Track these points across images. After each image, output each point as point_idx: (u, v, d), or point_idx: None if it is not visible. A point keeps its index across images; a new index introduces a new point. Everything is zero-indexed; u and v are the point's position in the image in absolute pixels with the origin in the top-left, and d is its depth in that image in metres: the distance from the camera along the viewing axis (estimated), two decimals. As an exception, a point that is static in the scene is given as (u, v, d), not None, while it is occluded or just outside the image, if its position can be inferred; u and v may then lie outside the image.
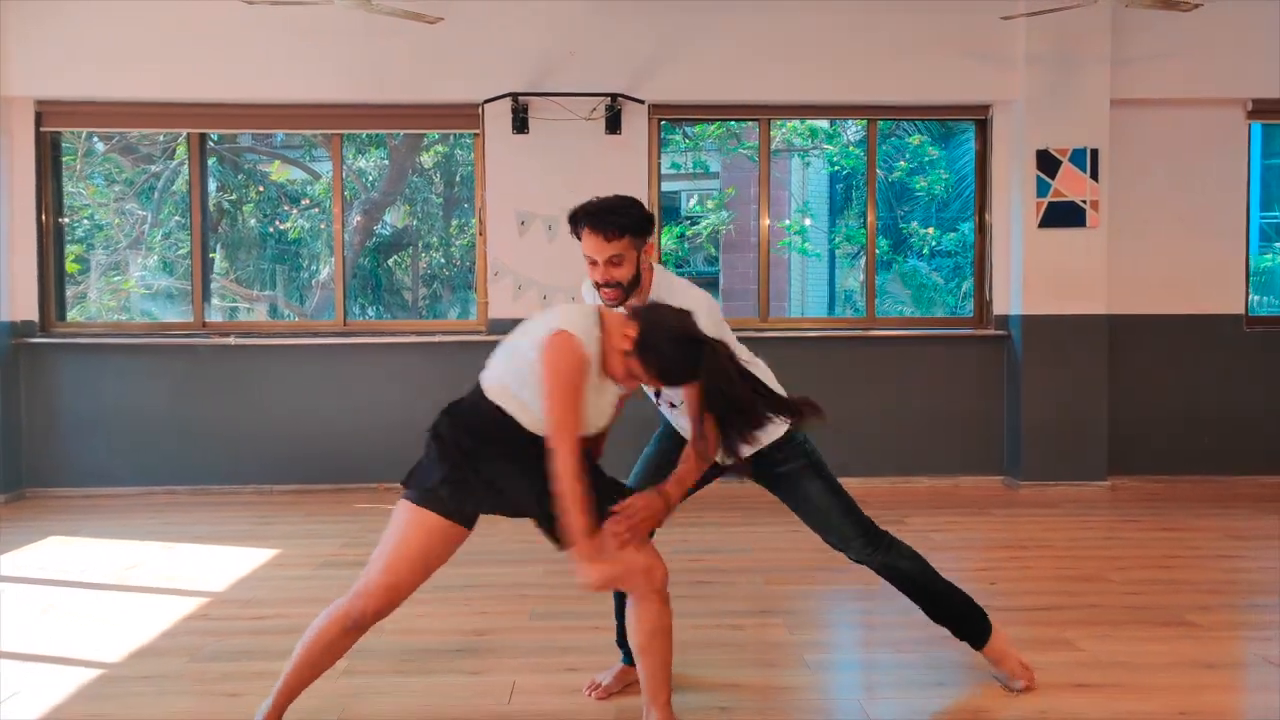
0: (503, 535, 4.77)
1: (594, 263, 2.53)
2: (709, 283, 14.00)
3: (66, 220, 5.98)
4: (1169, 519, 5.08)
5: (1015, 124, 5.98)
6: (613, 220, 2.49)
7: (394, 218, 11.31)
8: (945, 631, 2.78)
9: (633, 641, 2.40)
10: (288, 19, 5.50)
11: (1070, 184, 5.86)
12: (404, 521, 2.36)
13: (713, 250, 13.61)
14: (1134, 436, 6.05)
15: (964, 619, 2.75)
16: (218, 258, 10.42)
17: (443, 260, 11.10)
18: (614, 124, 5.88)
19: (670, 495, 2.44)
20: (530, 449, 2.30)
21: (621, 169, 5.95)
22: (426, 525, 2.34)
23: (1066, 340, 5.90)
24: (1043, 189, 5.88)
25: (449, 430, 2.39)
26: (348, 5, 5.01)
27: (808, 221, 13.25)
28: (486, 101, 5.84)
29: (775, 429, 2.53)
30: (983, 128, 6.17)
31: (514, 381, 2.33)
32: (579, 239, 2.55)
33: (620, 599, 2.75)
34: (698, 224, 12.38)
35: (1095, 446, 5.92)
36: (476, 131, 5.98)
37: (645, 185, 5.99)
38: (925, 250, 12.42)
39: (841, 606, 3.65)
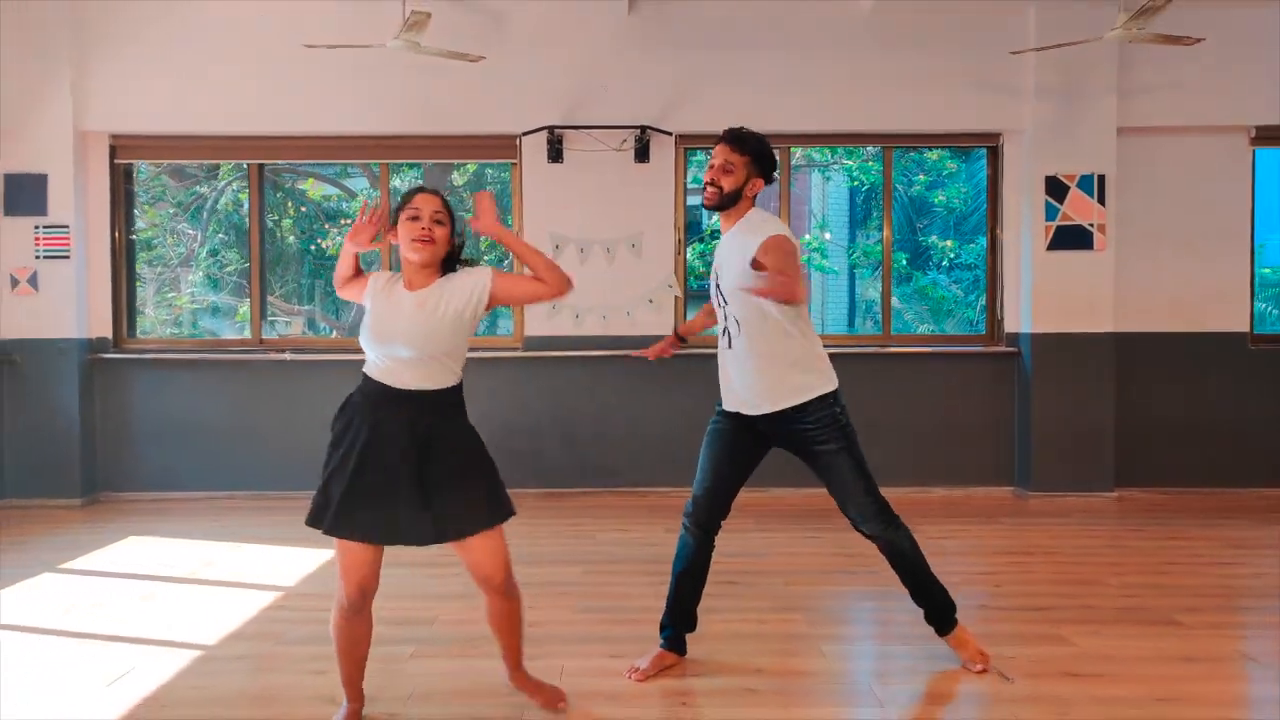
0: (541, 538, 5.17)
1: (711, 166, 3.08)
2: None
3: (134, 236, 6.45)
4: (1171, 528, 5.37)
5: (1025, 151, 6.30)
6: (742, 139, 3.07)
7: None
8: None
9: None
10: (340, 58, 5.93)
11: (1078, 209, 6.18)
12: None
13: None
14: (1142, 450, 6.34)
15: (939, 607, 3.16)
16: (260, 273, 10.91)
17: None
18: (643, 154, 6.26)
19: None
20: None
21: (649, 196, 6.34)
22: None
23: (1075, 357, 6.21)
24: (1051, 213, 6.20)
25: None
26: (398, 47, 5.44)
27: (827, 237, 13.59)
28: (524, 134, 6.24)
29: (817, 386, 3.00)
30: (994, 154, 6.50)
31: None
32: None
33: (675, 584, 3.14)
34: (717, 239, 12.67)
35: (1102, 459, 6.22)
36: (515, 161, 6.39)
37: (672, 210, 6.37)
38: (944, 263, 12.72)
39: (857, 605, 3.98)
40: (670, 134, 6.28)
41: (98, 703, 2.97)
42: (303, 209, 11.54)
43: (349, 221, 11.31)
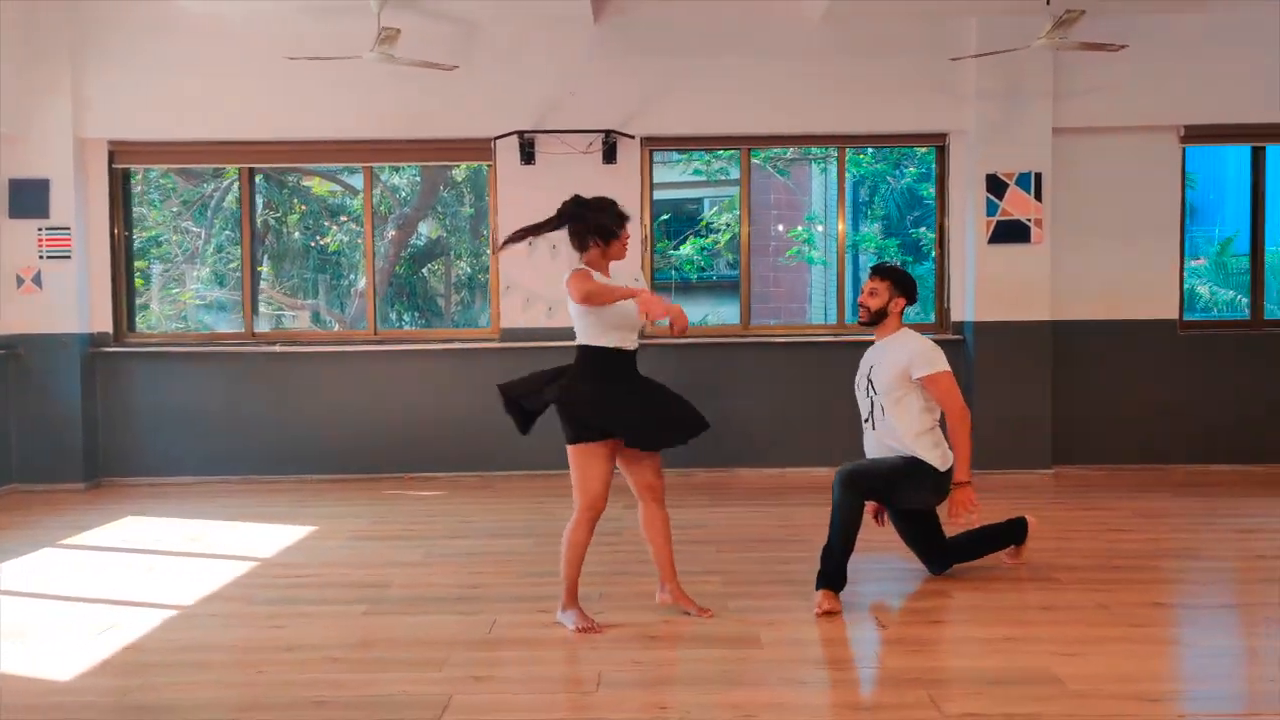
0: (509, 514, 5.60)
1: (865, 291, 4.05)
2: (730, 287, 14.81)
3: (131, 236, 6.94)
4: (1094, 501, 5.76)
5: (968, 151, 6.67)
6: (881, 269, 4.05)
7: (428, 229, 12.21)
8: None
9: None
10: (324, 68, 6.35)
11: (1017, 204, 6.56)
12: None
13: (732, 256, 14.39)
14: (1078, 430, 6.72)
15: (827, 573, 3.71)
16: (265, 269, 11.41)
17: (470, 270, 11.96)
18: (610, 155, 6.68)
19: None
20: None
21: (616, 195, 6.56)
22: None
23: (1014, 344, 6.59)
24: (992, 209, 6.58)
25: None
26: (374, 59, 5.87)
27: (819, 229, 13.95)
28: (497, 138, 6.67)
29: None
30: (941, 153, 6.87)
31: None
32: None
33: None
34: (716, 233, 13.08)
35: (1040, 438, 6.61)
36: (490, 163, 6.81)
37: (638, 207, 6.78)
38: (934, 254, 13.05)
39: (775, 568, 4.37)
40: (634, 137, 6.69)
41: (86, 648, 3.42)
42: (304, 206, 11.98)
43: (349, 218, 11.75)
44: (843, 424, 6.65)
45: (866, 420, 4.06)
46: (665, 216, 14.15)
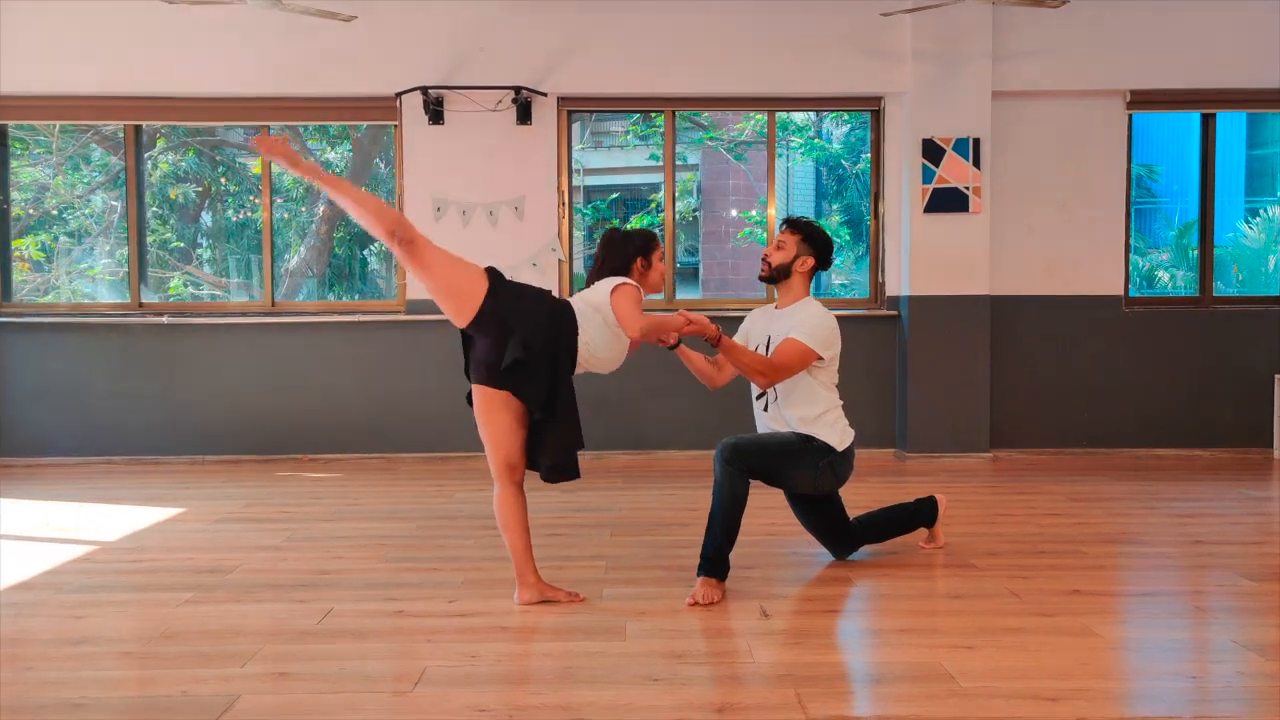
0: (402, 499, 5.17)
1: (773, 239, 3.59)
2: (690, 273, 14.44)
3: (32, 208, 6.39)
4: (1029, 485, 5.40)
5: (904, 115, 6.29)
6: (793, 221, 3.57)
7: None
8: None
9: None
10: (210, 17, 5.87)
11: (954, 171, 6.18)
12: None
13: (691, 241, 14.03)
14: (1019, 411, 6.37)
15: (710, 557, 3.30)
16: (200, 248, 10.87)
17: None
18: (524, 115, 6.23)
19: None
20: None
21: (532, 158, 6.32)
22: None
23: (951, 320, 6.22)
24: (928, 176, 6.20)
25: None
26: (260, 5, 5.37)
27: (771, 212, 13.59)
28: (400, 94, 6.20)
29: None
30: (876, 118, 6.48)
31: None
32: None
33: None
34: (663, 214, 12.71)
35: (978, 421, 6.25)
36: (395, 123, 6.34)
37: (555, 172, 6.35)
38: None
39: (660, 554, 3.96)
40: (547, 95, 6.25)
41: None
42: (225, 181, 11.43)
43: (283, 198, 11.23)
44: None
45: (759, 398, 3.61)
46: (615, 196, 13.75)
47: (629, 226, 6.76)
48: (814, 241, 3.55)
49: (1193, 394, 6.40)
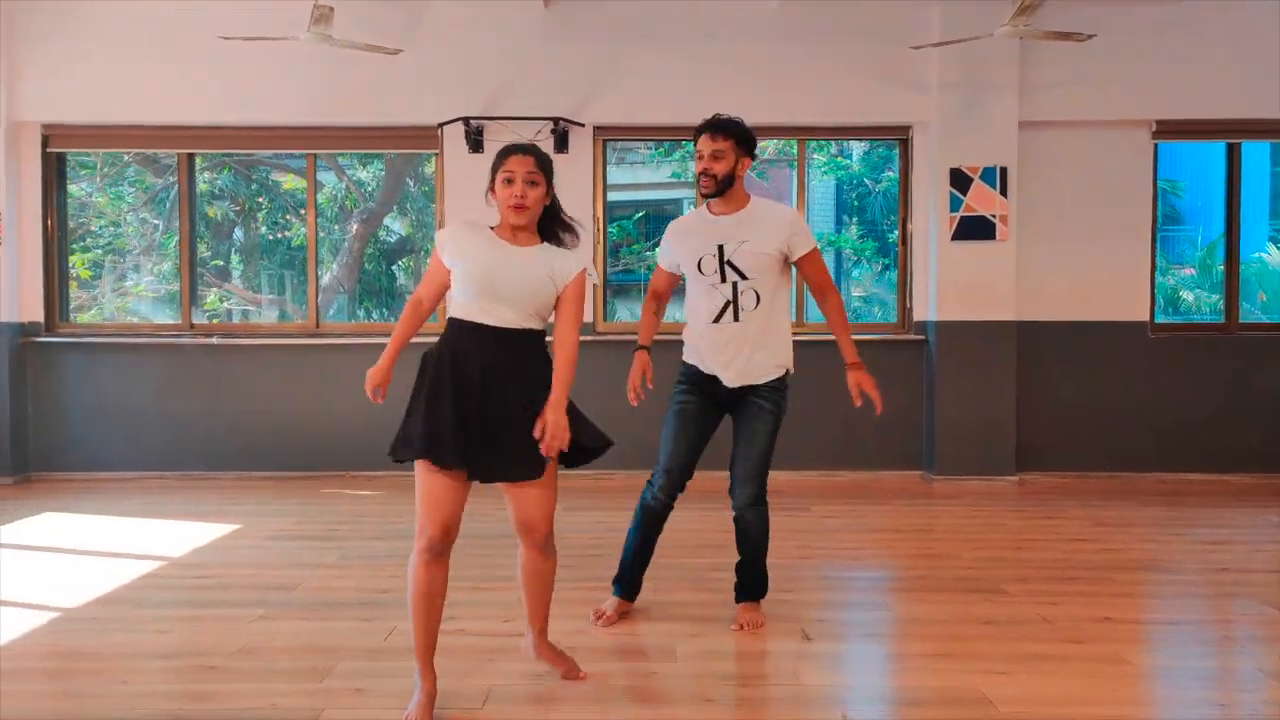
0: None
1: (700, 156, 3.29)
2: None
3: (90, 225, 6.66)
4: (1055, 509, 5.52)
5: (931, 144, 6.45)
6: (720, 125, 3.29)
7: (401, 226, 11.97)
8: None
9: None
10: (261, 51, 6.09)
11: (981, 199, 6.33)
12: None
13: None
14: (1045, 435, 6.49)
15: (752, 585, 3.42)
16: (233, 265, 11.14)
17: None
18: (562, 144, 6.43)
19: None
20: None
21: (569, 185, 6.48)
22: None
23: (978, 345, 6.35)
24: (956, 204, 6.35)
25: None
26: (311, 40, 5.61)
27: (789, 216, 13.72)
28: (441, 125, 6.42)
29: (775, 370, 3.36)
30: (905, 147, 6.64)
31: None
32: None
33: (641, 546, 3.45)
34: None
35: (1004, 444, 6.37)
36: (436, 151, 6.56)
37: (591, 200, 6.54)
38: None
39: (700, 576, 4.10)
40: (584, 125, 6.45)
41: (-53, 655, 3.16)
42: (264, 199, 11.72)
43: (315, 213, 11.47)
44: (812, 425, 6.44)
45: (722, 312, 3.31)
46: (640, 214, 13.95)
47: (657, 247, 6.90)
48: (748, 142, 3.34)
49: (1219, 419, 6.50)
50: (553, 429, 2.66)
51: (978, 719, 2.60)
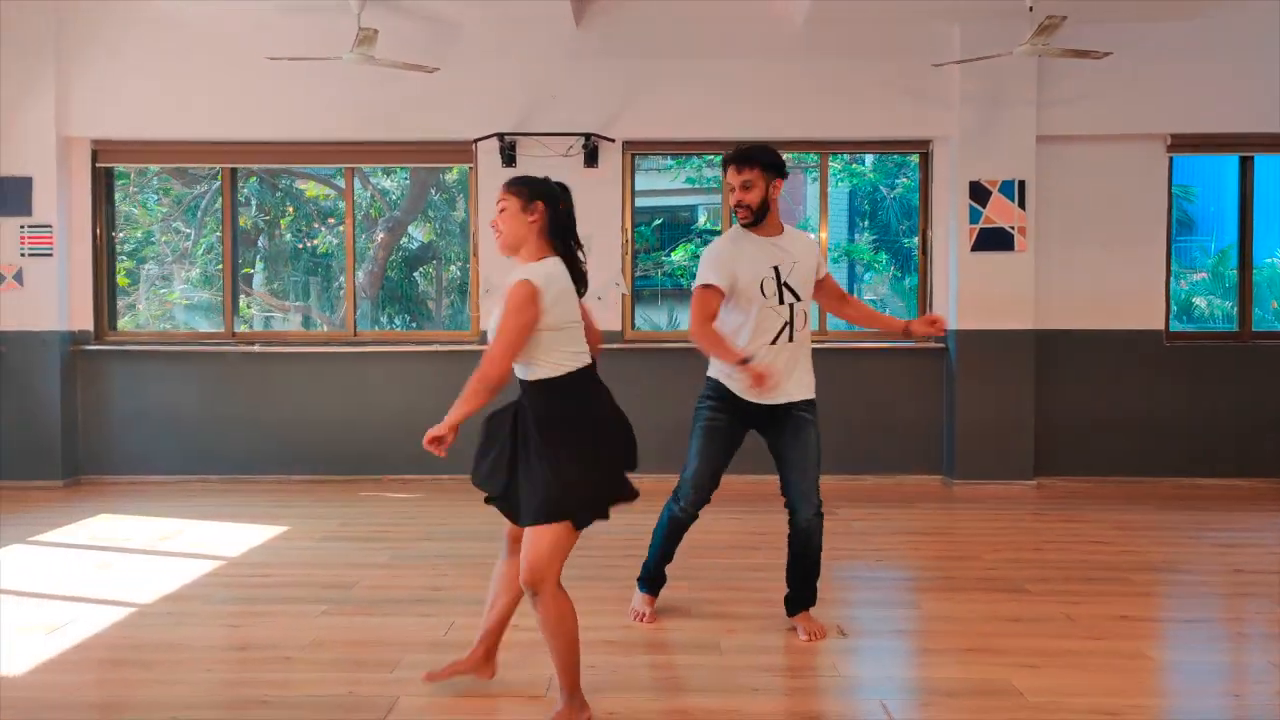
0: (481, 518, 5.56)
1: (731, 189, 3.36)
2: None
3: (119, 235, 6.90)
4: (1073, 513, 5.70)
5: (951, 158, 6.64)
6: (744, 155, 3.35)
7: (422, 233, 12.21)
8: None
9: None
10: (305, 69, 6.32)
11: (1000, 212, 6.52)
12: None
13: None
14: (1063, 441, 6.66)
15: (806, 596, 3.55)
16: (255, 271, 11.39)
17: (460, 274, 11.94)
18: (591, 159, 6.65)
19: None
20: None
21: (599, 199, 6.72)
22: None
23: (997, 353, 6.54)
24: (975, 216, 6.53)
25: None
26: (354, 60, 5.84)
27: (824, 235, 13.95)
28: (477, 140, 6.64)
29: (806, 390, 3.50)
30: (925, 160, 6.83)
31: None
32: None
33: (665, 548, 3.59)
34: (708, 239, 13.11)
35: (1023, 449, 6.55)
36: (471, 165, 6.78)
37: (620, 212, 6.75)
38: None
39: (735, 576, 4.31)
40: (614, 140, 6.66)
41: (36, 646, 3.38)
42: (292, 209, 11.97)
43: (339, 221, 11.76)
44: (837, 432, 6.57)
45: (780, 333, 3.39)
46: (658, 221, 14.17)
47: (673, 254, 7.10)
48: (773, 165, 3.38)
49: (1233, 425, 6.66)
50: (430, 433, 2.79)
51: (1012, 707, 2.79)
